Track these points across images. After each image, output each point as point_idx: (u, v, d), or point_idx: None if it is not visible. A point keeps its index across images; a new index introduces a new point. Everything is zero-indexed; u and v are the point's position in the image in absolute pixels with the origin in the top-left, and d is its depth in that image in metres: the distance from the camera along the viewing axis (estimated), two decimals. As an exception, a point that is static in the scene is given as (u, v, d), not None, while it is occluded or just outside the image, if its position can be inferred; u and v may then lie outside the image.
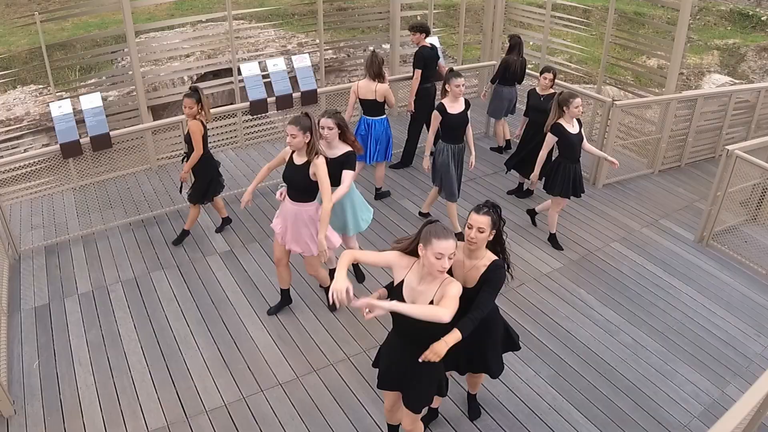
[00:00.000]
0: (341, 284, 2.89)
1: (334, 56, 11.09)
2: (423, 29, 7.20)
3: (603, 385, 4.45)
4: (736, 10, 18.24)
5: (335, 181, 4.52)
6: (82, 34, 13.28)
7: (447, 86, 5.62)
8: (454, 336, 3.00)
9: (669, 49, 7.92)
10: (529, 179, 6.49)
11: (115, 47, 7.86)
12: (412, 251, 3.07)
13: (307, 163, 4.31)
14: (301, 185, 4.40)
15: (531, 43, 11.00)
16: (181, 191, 5.86)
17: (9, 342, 4.80)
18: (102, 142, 6.18)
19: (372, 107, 6.49)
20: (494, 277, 3.24)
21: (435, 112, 5.63)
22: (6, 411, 4.12)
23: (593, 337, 4.92)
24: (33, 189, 6.92)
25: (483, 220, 3.17)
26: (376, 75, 6.38)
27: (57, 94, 7.50)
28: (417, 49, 7.20)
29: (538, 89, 6.59)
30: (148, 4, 9.93)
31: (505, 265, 3.32)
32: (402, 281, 3.09)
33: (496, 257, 3.29)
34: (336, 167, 4.57)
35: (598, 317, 5.14)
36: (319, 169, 4.26)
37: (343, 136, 4.73)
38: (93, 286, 5.46)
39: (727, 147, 5.94)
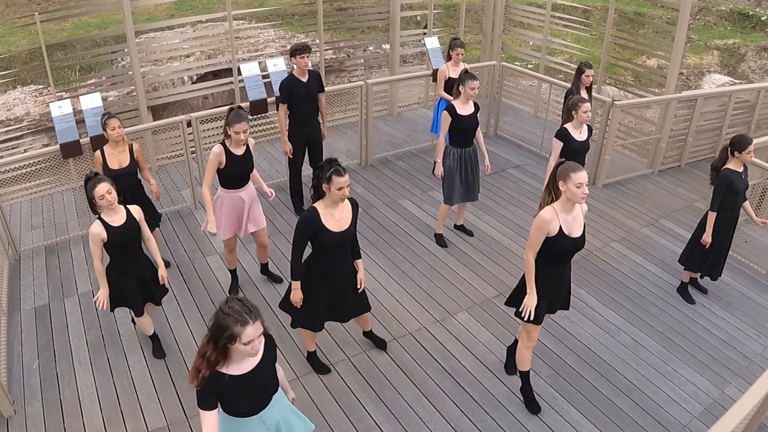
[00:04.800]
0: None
1: (334, 56, 11.08)
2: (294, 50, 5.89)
3: (603, 385, 4.45)
4: (736, 10, 18.23)
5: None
6: (82, 34, 13.28)
7: (461, 88, 5.39)
8: None
9: (669, 49, 7.92)
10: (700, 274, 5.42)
11: (115, 47, 7.85)
12: (554, 195, 3.61)
13: (247, 150, 4.81)
14: (250, 168, 4.90)
15: (531, 43, 11.02)
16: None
17: (9, 342, 4.80)
18: (102, 142, 6.16)
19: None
20: None
21: (445, 113, 5.45)
22: (6, 411, 4.12)
23: (593, 337, 4.92)
24: (33, 189, 6.93)
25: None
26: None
27: (57, 94, 7.50)
28: (288, 76, 6.03)
29: (731, 165, 4.92)
30: (148, 4, 9.94)
31: None
32: (560, 227, 3.56)
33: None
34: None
35: (598, 317, 5.14)
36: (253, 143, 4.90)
37: None
38: (93, 286, 5.45)
39: (727, 147, 5.93)
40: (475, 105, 5.56)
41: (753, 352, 4.84)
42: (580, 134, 5.35)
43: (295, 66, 5.94)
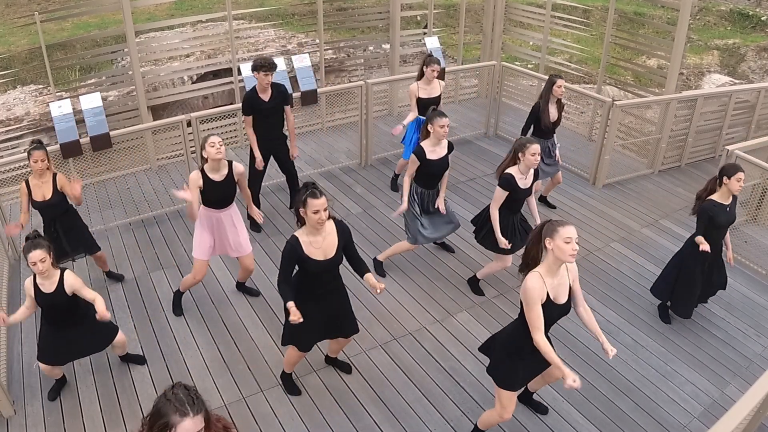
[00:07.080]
0: None
1: (334, 56, 11.08)
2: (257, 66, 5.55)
3: (603, 385, 4.45)
4: (736, 10, 18.24)
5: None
6: (82, 34, 13.28)
7: (429, 127, 4.78)
8: None
9: (669, 49, 7.92)
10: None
11: (115, 47, 7.85)
12: (534, 258, 3.29)
13: (229, 173, 4.65)
14: (232, 194, 4.73)
15: (531, 43, 11.02)
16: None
17: (9, 342, 4.80)
18: (102, 142, 6.18)
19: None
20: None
21: (413, 156, 4.88)
22: (6, 411, 4.12)
23: (593, 337, 4.91)
24: (33, 189, 6.90)
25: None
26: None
27: (57, 94, 7.50)
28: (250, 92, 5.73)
29: (717, 196, 4.66)
30: (148, 4, 9.93)
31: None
32: (547, 294, 3.24)
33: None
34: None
35: (599, 317, 5.13)
36: (242, 172, 4.76)
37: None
38: (93, 286, 5.44)
39: (727, 147, 5.94)
40: (449, 145, 4.99)
41: (753, 353, 4.85)
42: (525, 180, 4.64)
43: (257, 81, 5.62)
